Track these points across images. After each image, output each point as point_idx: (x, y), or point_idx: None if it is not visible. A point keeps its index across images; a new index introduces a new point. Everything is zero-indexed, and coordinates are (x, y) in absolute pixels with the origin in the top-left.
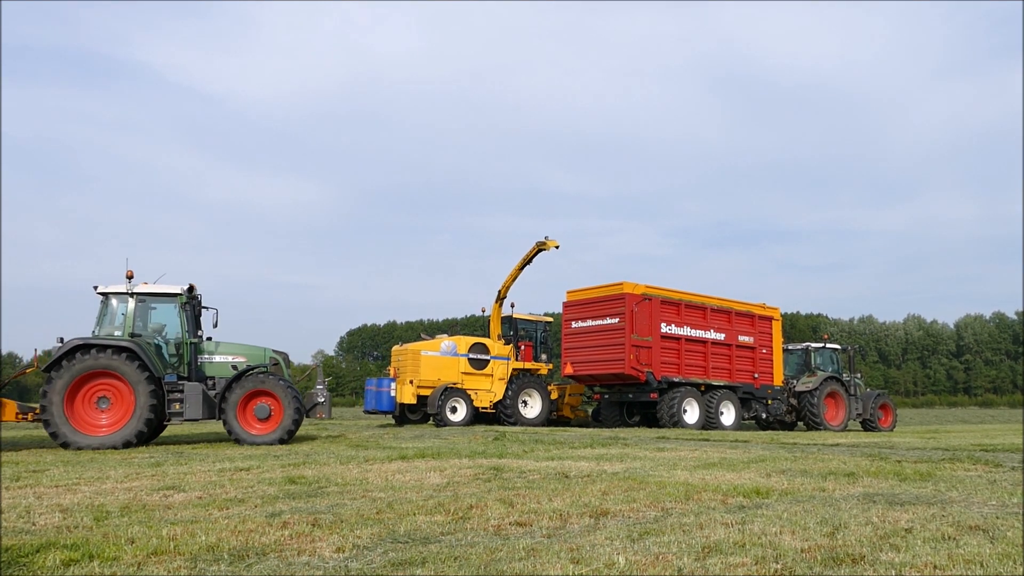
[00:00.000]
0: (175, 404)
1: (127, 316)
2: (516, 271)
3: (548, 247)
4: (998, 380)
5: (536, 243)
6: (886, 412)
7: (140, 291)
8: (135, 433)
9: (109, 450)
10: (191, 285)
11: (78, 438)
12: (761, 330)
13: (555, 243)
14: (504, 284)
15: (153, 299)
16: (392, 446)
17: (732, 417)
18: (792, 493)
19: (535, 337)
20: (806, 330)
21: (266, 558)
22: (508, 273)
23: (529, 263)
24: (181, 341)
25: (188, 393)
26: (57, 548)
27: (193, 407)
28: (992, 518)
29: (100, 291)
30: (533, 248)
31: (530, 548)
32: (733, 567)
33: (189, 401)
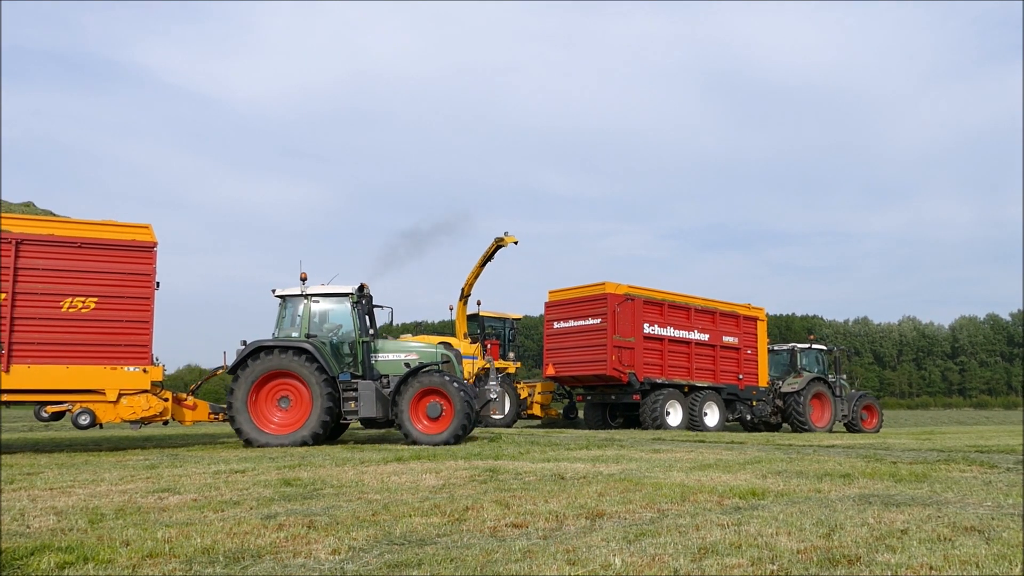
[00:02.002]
0: (350, 403)
1: (302, 317)
2: (477, 268)
3: (506, 243)
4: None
5: (495, 239)
6: (871, 413)
7: (312, 292)
8: (313, 432)
9: (286, 447)
10: (362, 284)
11: (261, 436)
12: (746, 331)
13: (514, 239)
14: (467, 282)
15: (325, 299)
16: (388, 448)
17: (716, 418)
18: (788, 494)
19: (503, 335)
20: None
21: (261, 560)
22: (470, 271)
23: (490, 259)
24: (354, 340)
25: (362, 391)
26: (52, 551)
27: (367, 405)
28: (988, 519)
29: (277, 294)
30: (492, 244)
31: (526, 549)
32: (729, 568)
33: (363, 399)
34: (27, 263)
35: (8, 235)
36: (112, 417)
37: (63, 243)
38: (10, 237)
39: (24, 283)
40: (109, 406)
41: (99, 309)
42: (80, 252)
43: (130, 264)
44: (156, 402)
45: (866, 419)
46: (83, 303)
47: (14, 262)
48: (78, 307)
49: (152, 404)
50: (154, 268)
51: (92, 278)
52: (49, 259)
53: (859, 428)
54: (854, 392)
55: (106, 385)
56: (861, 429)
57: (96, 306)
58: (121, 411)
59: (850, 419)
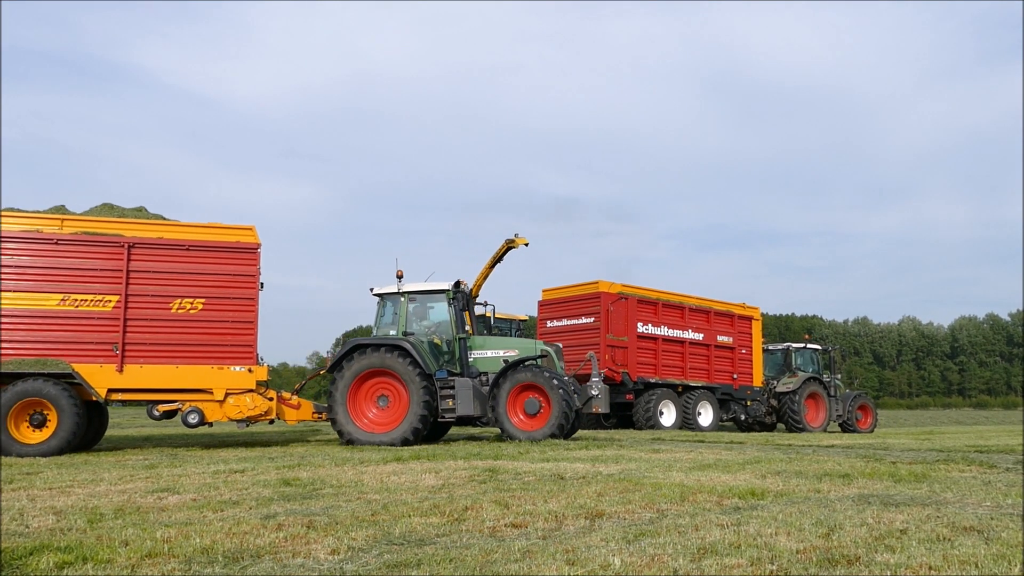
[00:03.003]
0: (448, 400)
1: (399, 315)
2: (487, 270)
3: (517, 244)
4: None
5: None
6: (865, 413)
7: (409, 290)
8: (411, 430)
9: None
10: (457, 281)
11: (361, 435)
12: (741, 330)
13: (524, 240)
14: (475, 283)
15: (422, 297)
16: (387, 448)
17: (710, 418)
18: (787, 494)
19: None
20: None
21: (261, 560)
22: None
23: (499, 261)
24: (451, 337)
25: (459, 389)
26: (51, 550)
27: (465, 403)
28: (987, 519)
29: (375, 292)
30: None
31: (525, 550)
32: (728, 568)
33: (461, 397)
34: (138, 266)
35: (120, 239)
36: (219, 416)
37: (171, 246)
38: (122, 241)
39: (135, 285)
40: (216, 405)
41: (206, 310)
42: (187, 254)
43: (235, 265)
44: (261, 401)
45: (861, 419)
46: (191, 304)
47: (126, 265)
48: (186, 308)
49: (257, 403)
50: (258, 269)
51: (199, 279)
52: (158, 262)
53: (854, 428)
54: (849, 392)
55: (213, 385)
56: (856, 429)
57: (203, 307)
58: (228, 410)
59: (845, 419)
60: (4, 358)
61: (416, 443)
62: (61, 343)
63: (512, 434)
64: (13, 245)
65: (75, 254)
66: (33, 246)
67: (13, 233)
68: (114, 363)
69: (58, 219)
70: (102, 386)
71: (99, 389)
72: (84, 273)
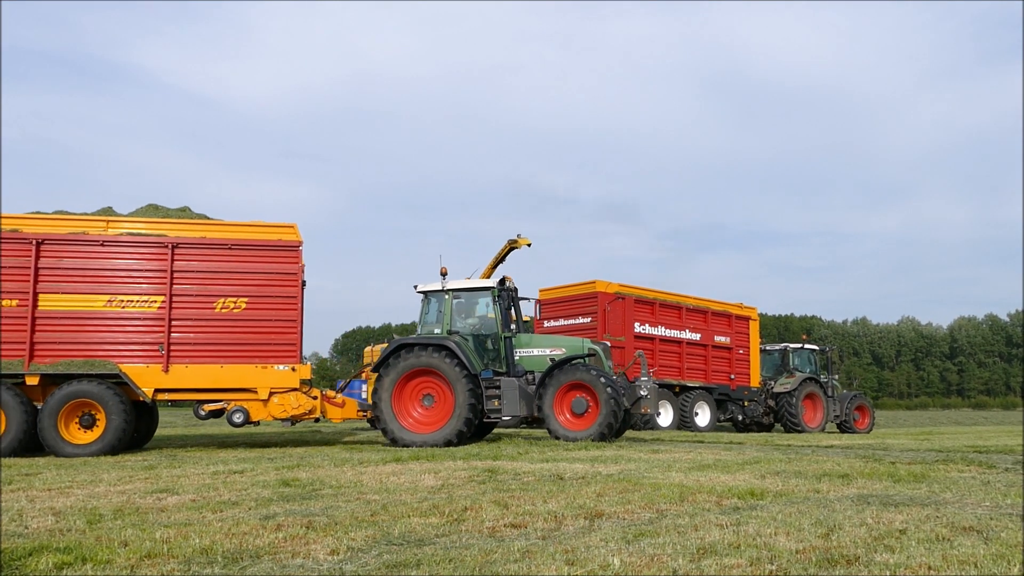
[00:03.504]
0: (493, 400)
1: (444, 313)
2: (489, 270)
3: (520, 245)
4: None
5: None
6: (863, 414)
7: (453, 287)
8: (456, 431)
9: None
10: (503, 278)
11: (406, 435)
12: (738, 330)
13: (527, 241)
14: None
15: (467, 294)
16: (386, 448)
17: (707, 419)
18: (787, 494)
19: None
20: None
21: (260, 560)
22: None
23: (502, 261)
24: (497, 335)
25: (505, 389)
26: (50, 551)
27: (511, 403)
28: (986, 519)
29: (419, 290)
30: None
31: (525, 550)
32: (728, 568)
33: (507, 397)
34: (182, 266)
35: (164, 239)
36: (264, 415)
37: (214, 245)
38: (166, 241)
39: (179, 285)
40: (260, 404)
41: (249, 309)
42: (230, 253)
43: (277, 264)
44: (305, 400)
45: (858, 419)
46: (234, 304)
47: (170, 265)
48: (230, 308)
49: (302, 402)
50: (300, 267)
51: (242, 279)
52: (202, 261)
53: (852, 428)
54: (846, 392)
55: (257, 384)
56: (854, 429)
57: (247, 306)
58: (272, 409)
59: (843, 419)
60: (53, 360)
61: (462, 443)
62: (108, 344)
63: (559, 434)
64: (60, 247)
65: (120, 255)
66: (79, 248)
67: (60, 235)
68: (160, 363)
69: (103, 221)
70: (149, 386)
71: (146, 389)
72: (129, 274)
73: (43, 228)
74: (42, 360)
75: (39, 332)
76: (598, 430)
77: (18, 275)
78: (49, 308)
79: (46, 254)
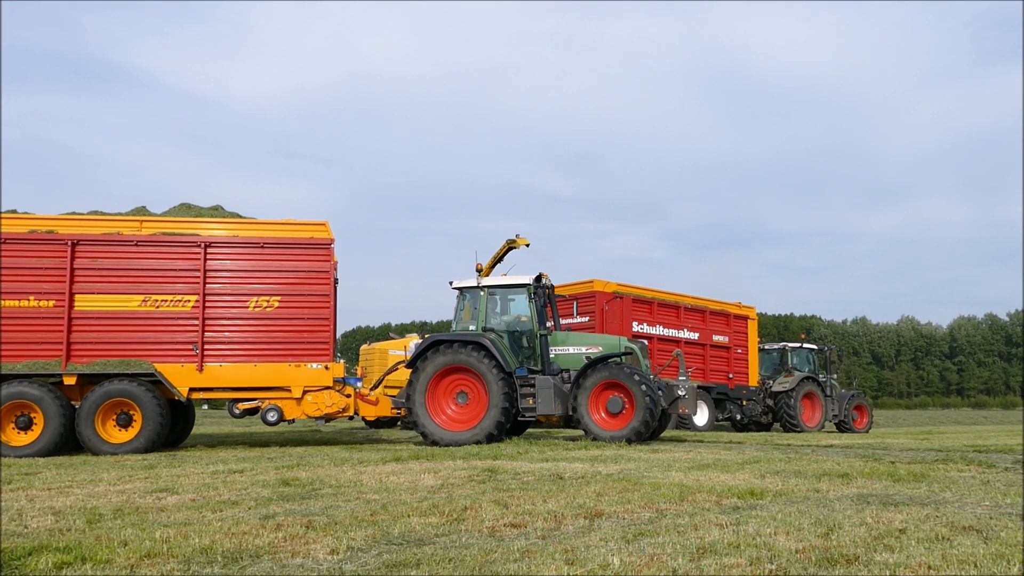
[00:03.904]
0: (528, 399)
1: (479, 310)
2: (487, 270)
3: (518, 245)
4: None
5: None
6: (861, 413)
7: (488, 284)
8: (490, 430)
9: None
10: (539, 274)
11: (441, 433)
12: (736, 329)
13: (525, 241)
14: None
15: (502, 291)
16: (386, 448)
17: (705, 418)
18: (786, 494)
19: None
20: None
21: (260, 560)
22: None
23: (500, 261)
24: (532, 333)
25: (539, 386)
26: (50, 551)
27: (545, 401)
28: (986, 518)
29: (455, 286)
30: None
31: (524, 549)
32: (728, 568)
33: (541, 395)
34: (214, 265)
35: (197, 238)
36: (297, 414)
37: (246, 244)
38: (199, 240)
39: (213, 284)
40: (294, 403)
41: (282, 307)
42: (262, 252)
43: (309, 262)
44: (339, 398)
45: (856, 419)
46: (267, 302)
47: (203, 264)
48: (263, 306)
49: (335, 400)
50: (332, 264)
51: (274, 277)
52: (234, 260)
53: (850, 428)
54: (845, 392)
55: (291, 382)
56: (852, 429)
57: (279, 305)
58: (306, 407)
59: (841, 419)
60: (90, 359)
61: (497, 440)
62: (143, 343)
63: (594, 434)
64: (95, 247)
65: (154, 255)
66: (114, 248)
67: (95, 236)
68: (195, 363)
69: (137, 221)
70: (184, 385)
71: (181, 388)
72: (163, 273)
73: (78, 229)
74: (79, 360)
75: (75, 332)
76: (633, 430)
77: (54, 276)
78: (85, 308)
79: (81, 255)
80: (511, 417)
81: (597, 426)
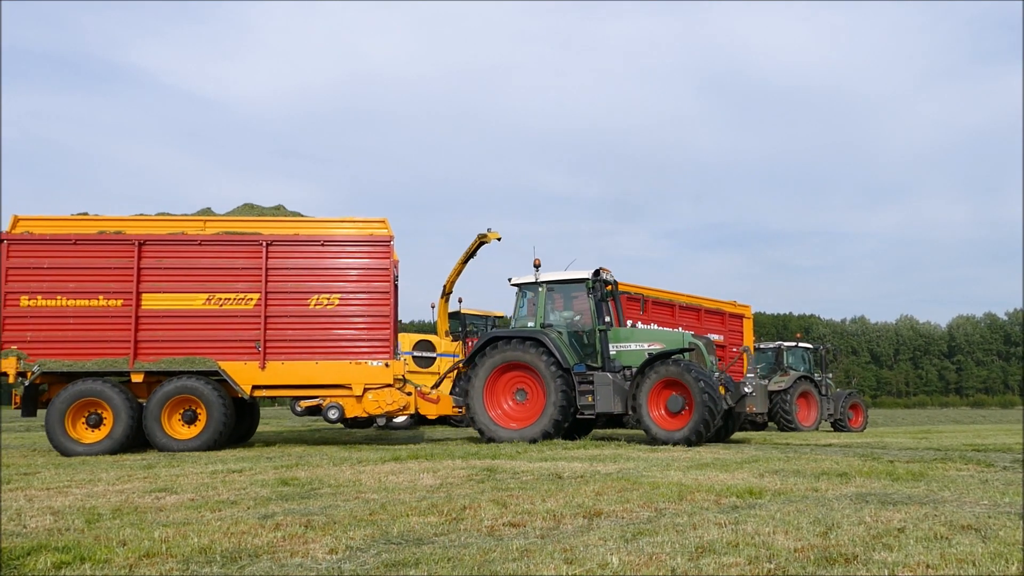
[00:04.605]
0: (587, 396)
1: (538, 306)
2: (460, 265)
3: (489, 239)
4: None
5: (477, 235)
6: (856, 412)
7: (547, 279)
8: (547, 428)
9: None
10: (598, 269)
11: (499, 431)
12: (731, 328)
13: (496, 235)
14: (449, 279)
15: (560, 286)
16: (385, 447)
17: None
18: (785, 493)
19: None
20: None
21: (259, 560)
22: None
23: (473, 256)
24: (592, 329)
25: (598, 384)
26: (48, 550)
27: (604, 399)
28: (984, 517)
29: (513, 283)
30: (475, 241)
31: (523, 549)
32: (726, 567)
33: (600, 392)
34: (276, 263)
35: (259, 237)
36: (358, 411)
37: (307, 242)
38: (260, 239)
39: (274, 282)
40: (355, 401)
41: (342, 305)
42: (323, 250)
43: (369, 259)
44: (400, 396)
45: (852, 418)
46: (328, 300)
47: (265, 262)
48: (323, 304)
49: (396, 398)
50: (392, 262)
51: (335, 275)
52: (295, 258)
53: (846, 427)
54: (840, 391)
55: (352, 380)
56: (848, 428)
57: (340, 302)
58: (367, 405)
59: (837, 418)
60: (156, 358)
61: (555, 438)
62: (207, 342)
63: (653, 434)
64: (161, 247)
65: (217, 254)
66: (179, 247)
67: (161, 236)
68: (257, 360)
69: (201, 220)
70: (247, 383)
71: (244, 386)
72: (226, 272)
73: (144, 229)
74: (145, 358)
75: (142, 331)
76: (690, 432)
77: (122, 275)
78: (151, 307)
79: (147, 254)
80: (568, 416)
81: (656, 425)
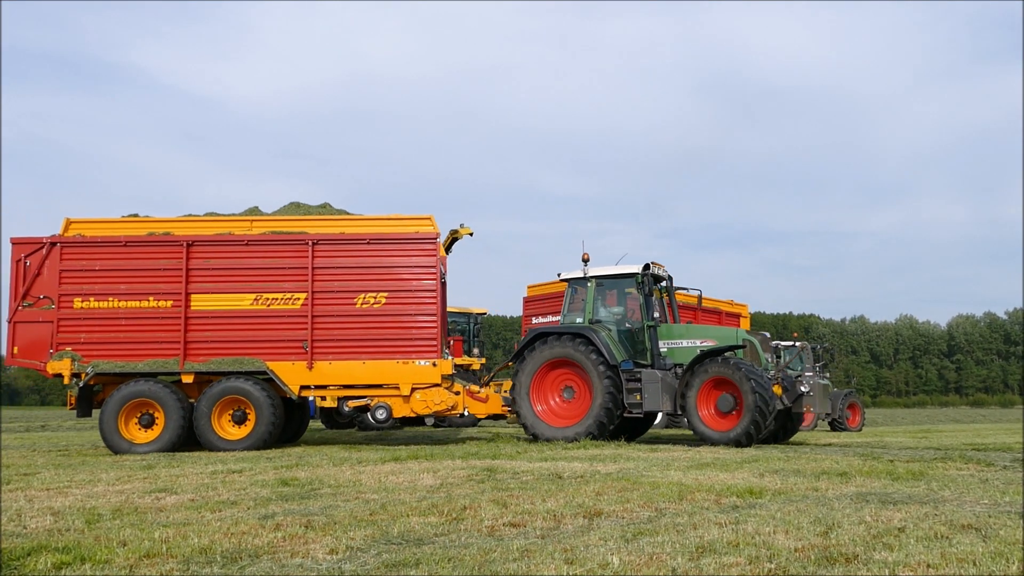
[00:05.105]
0: (635, 394)
1: (587, 301)
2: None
3: (461, 235)
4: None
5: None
6: (854, 412)
7: (595, 274)
8: (595, 425)
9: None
10: (647, 264)
11: (546, 429)
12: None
13: (468, 230)
14: None
15: (609, 281)
16: (385, 448)
17: None
18: (785, 493)
19: (467, 330)
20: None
21: (259, 560)
22: None
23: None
24: (641, 325)
25: (646, 381)
26: (49, 551)
27: (652, 397)
28: (984, 517)
29: (562, 278)
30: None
31: (524, 549)
32: (727, 567)
33: (648, 390)
34: (322, 262)
35: (305, 236)
36: (406, 411)
37: (353, 240)
38: (307, 238)
39: (320, 282)
40: (402, 400)
41: (389, 304)
42: (369, 248)
43: (416, 257)
44: (448, 395)
45: (850, 417)
46: (374, 299)
47: (311, 262)
48: (370, 303)
49: (444, 398)
50: (439, 259)
51: (381, 273)
52: (341, 257)
53: (844, 427)
54: (838, 391)
55: (399, 379)
56: (846, 428)
57: (386, 301)
58: (415, 405)
59: (834, 417)
60: (205, 358)
61: (602, 437)
62: (255, 342)
63: (702, 434)
64: (209, 248)
65: (264, 254)
66: (226, 248)
67: (209, 236)
68: (304, 360)
69: (247, 220)
70: (294, 383)
71: (292, 386)
72: (273, 272)
73: (192, 230)
74: (195, 359)
75: (191, 331)
76: (742, 432)
77: (172, 277)
78: (200, 308)
79: (196, 255)
80: (614, 418)
81: (705, 425)
